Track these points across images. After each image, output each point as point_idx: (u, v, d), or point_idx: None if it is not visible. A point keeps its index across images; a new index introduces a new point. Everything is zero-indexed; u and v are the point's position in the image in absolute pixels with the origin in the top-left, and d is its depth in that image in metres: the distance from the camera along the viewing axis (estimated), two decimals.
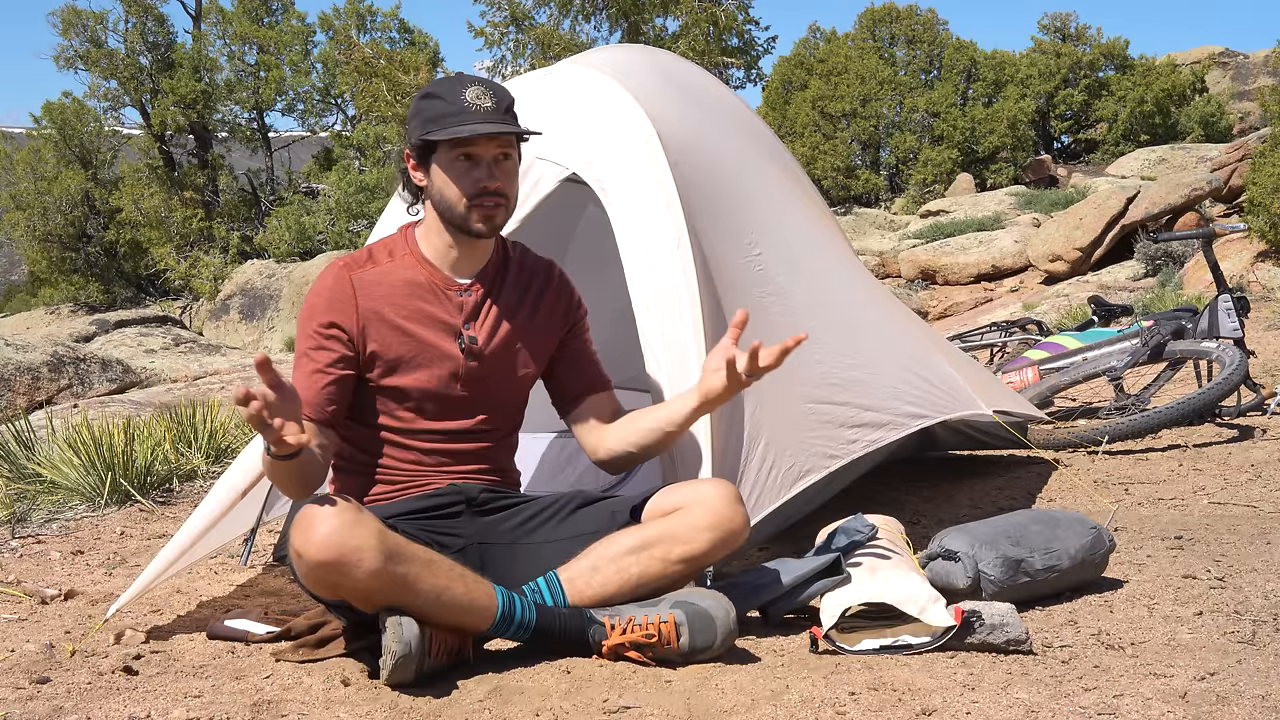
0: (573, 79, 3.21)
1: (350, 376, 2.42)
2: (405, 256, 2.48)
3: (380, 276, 2.44)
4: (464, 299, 2.47)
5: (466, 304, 2.47)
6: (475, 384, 2.47)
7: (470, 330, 2.45)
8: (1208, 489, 3.85)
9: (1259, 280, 9.76)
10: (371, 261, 2.47)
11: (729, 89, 4.20)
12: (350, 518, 2.08)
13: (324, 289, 2.43)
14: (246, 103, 26.45)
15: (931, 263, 15.60)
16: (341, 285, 2.42)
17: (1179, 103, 23.11)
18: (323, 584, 2.13)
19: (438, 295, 2.46)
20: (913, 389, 3.38)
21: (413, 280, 2.45)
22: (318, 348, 2.40)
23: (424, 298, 2.45)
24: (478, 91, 2.34)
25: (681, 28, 22.59)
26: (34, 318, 22.69)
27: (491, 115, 2.33)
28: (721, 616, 2.22)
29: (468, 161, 2.36)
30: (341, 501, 2.11)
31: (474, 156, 2.35)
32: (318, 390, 2.38)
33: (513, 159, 2.41)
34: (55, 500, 4.06)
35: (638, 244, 2.85)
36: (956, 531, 2.61)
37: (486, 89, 2.35)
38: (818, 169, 22.15)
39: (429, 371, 2.44)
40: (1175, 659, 2.15)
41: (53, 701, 2.10)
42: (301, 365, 2.41)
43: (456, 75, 2.43)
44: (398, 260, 2.47)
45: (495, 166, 2.37)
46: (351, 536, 2.06)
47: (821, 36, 26.54)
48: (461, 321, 2.46)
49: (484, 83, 2.37)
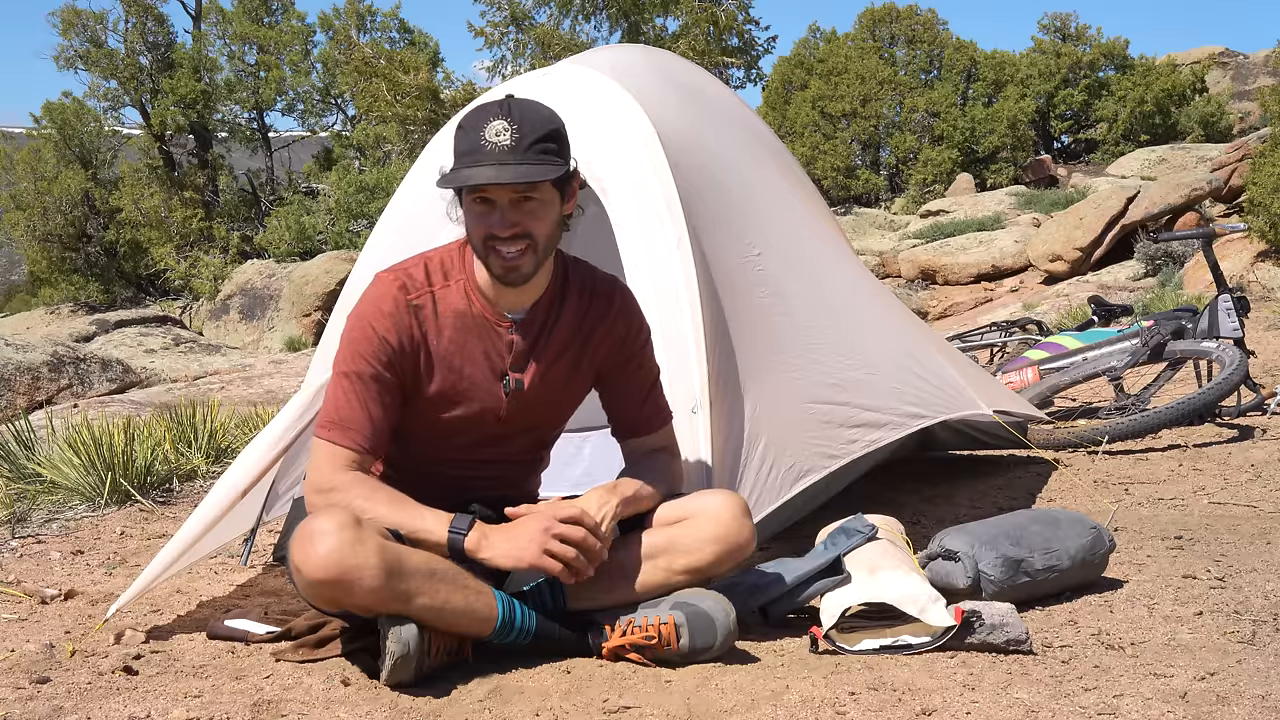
0: (573, 79, 3.21)
1: (400, 409, 2.32)
2: (460, 282, 2.33)
3: (433, 305, 2.30)
4: (514, 338, 2.34)
5: (517, 344, 2.34)
6: (515, 420, 2.39)
7: (516, 375, 2.34)
8: (1208, 489, 3.85)
9: (1259, 280, 9.76)
10: (427, 285, 2.31)
11: (729, 89, 4.20)
12: (351, 536, 2.06)
13: (382, 313, 2.27)
14: (246, 103, 26.43)
15: (931, 263, 15.60)
16: (400, 312, 2.27)
17: (1179, 103, 23.09)
18: (323, 599, 2.13)
19: (488, 332, 2.33)
20: (912, 389, 3.38)
21: (463, 312, 2.32)
22: (376, 378, 2.26)
23: (474, 332, 2.32)
24: (499, 128, 2.16)
25: (681, 28, 22.59)
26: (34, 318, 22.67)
27: (506, 155, 2.15)
28: (721, 617, 2.22)
29: (484, 205, 2.21)
30: (341, 517, 2.08)
31: (490, 200, 2.21)
32: (379, 423, 2.26)
33: (536, 199, 2.21)
34: (55, 500, 4.05)
35: (638, 244, 2.85)
36: (956, 531, 2.61)
37: (510, 124, 2.16)
38: (818, 169, 22.15)
39: (469, 409, 2.35)
40: (1175, 659, 2.15)
41: (53, 701, 2.10)
42: (355, 390, 2.26)
43: (496, 103, 2.22)
44: (452, 285, 2.32)
45: (512, 210, 2.20)
46: (352, 555, 2.04)
47: (821, 36, 26.53)
48: (509, 364, 2.34)
49: (512, 114, 2.18)
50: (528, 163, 2.17)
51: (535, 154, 2.17)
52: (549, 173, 2.19)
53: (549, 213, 2.25)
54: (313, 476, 2.28)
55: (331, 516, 2.09)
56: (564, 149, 2.25)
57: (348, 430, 2.25)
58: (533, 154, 2.17)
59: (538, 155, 2.18)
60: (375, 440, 2.27)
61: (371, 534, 2.10)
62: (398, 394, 2.30)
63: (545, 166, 2.19)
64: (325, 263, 18.28)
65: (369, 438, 2.25)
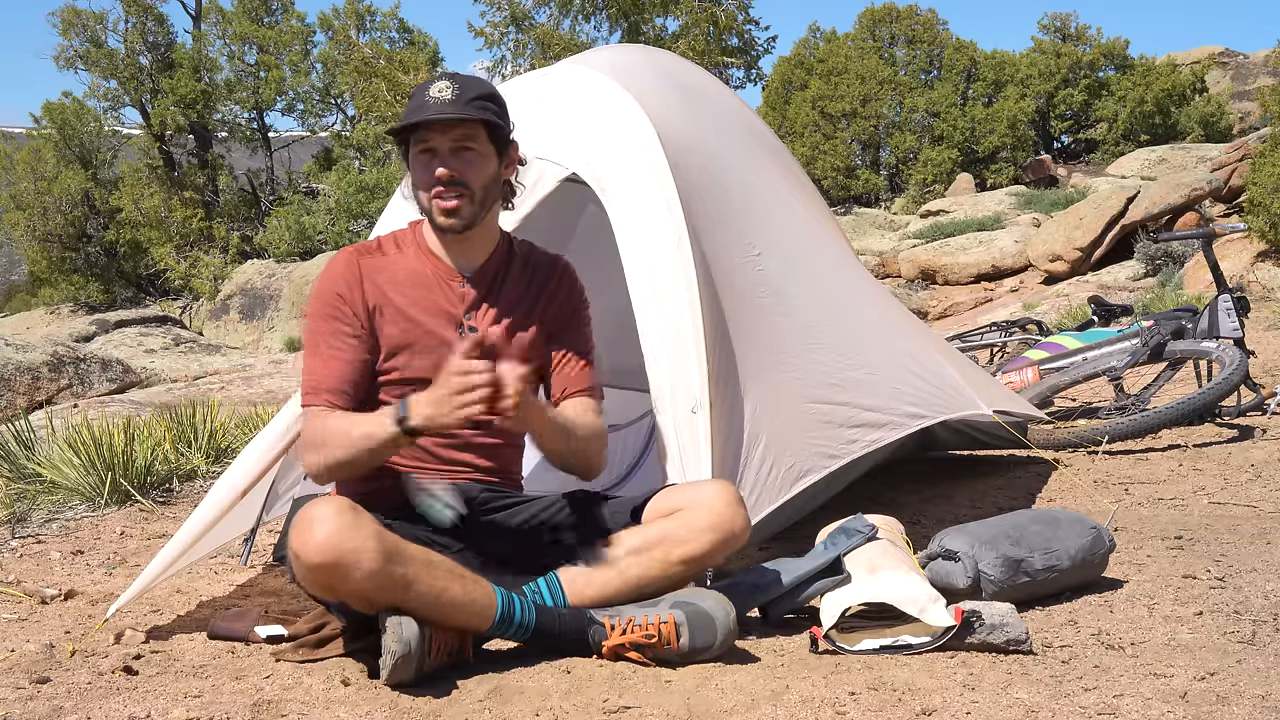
0: (572, 79, 3.21)
1: (367, 360, 2.42)
2: (411, 248, 2.51)
3: (387, 264, 2.47)
4: (466, 290, 2.48)
5: (469, 295, 2.47)
6: None
7: (471, 320, 2.46)
8: (1208, 489, 3.85)
9: (1259, 280, 9.76)
10: (380, 251, 2.50)
11: (729, 89, 4.20)
12: (349, 520, 2.09)
13: (335, 273, 2.46)
14: (246, 103, 26.44)
15: (931, 263, 15.60)
16: (351, 268, 2.45)
17: (1179, 103, 23.10)
18: (321, 586, 2.14)
19: (441, 285, 2.47)
20: (912, 389, 3.38)
21: (417, 270, 2.48)
22: (334, 330, 2.41)
23: (428, 286, 2.46)
24: (442, 86, 2.36)
25: (681, 28, 22.57)
26: (34, 318, 22.69)
27: (446, 107, 2.33)
28: (721, 617, 2.22)
29: (427, 155, 2.38)
30: (339, 503, 2.12)
31: (432, 149, 2.37)
32: (345, 372, 2.39)
33: (475, 150, 2.38)
34: (55, 500, 4.06)
35: (638, 244, 2.85)
36: (956, 531, 2.61)
37: (454, 83, 2.36)
38: (818, 169, 22.15)
39: (430, 360, 2.39)
40: (1175, 659, 2.15)
41: (53, 701, 2.10)
42: (318, 349, 2.41)
43: (441, 73, 2.44)
44: (405, 252, 2.50)
45: (452, 158, 2.36)
46: (350, 539, 2.07)
47: (821, 36, 26.54)
48: (463, 311, 2.46)
49: (457, 78, 2.39)
50: (467, 113, 2.34)
51: (474, 107, 2.36)
52: (485, 117, 2.35)
53: (486, 164, 2.40)
54: (300, 440, 2.43)
55: (328, 503, 2.12)
56: (503, 113, 2.43)
57: (319, 392, 2.38)
58: (472, 107, 2.35)
59: (477, 108, 2.36)
60: (343, 392, 2.38)
61: (369, 519, 2.12)
62: (358, 343, 2.41)
63: (482, 113, 2.36)
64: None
65: (339, 389, 2.38)
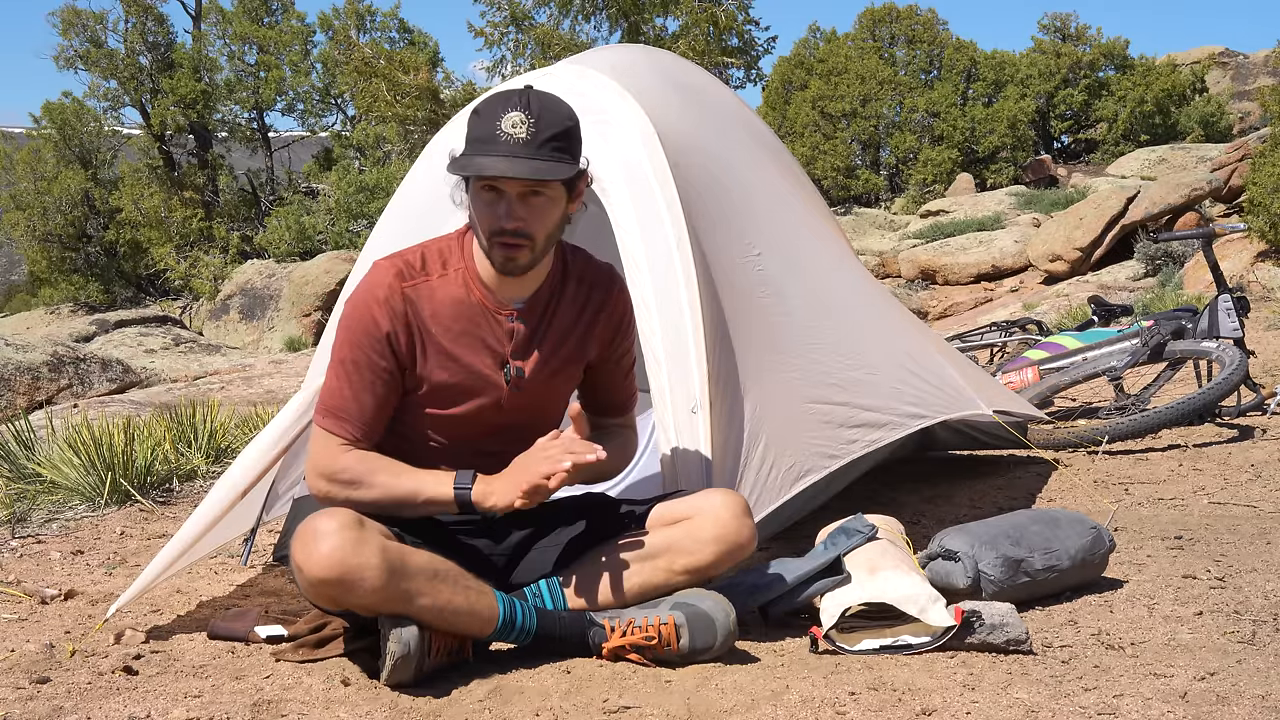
0: (573, 79, 3.21)
1: (395, 402, 2.31)
2: (459, 271, 2.31)
3: (431, 292, 2.28)
4: (514, 325, 2.32)
5: (518, 332, 2.32)
6: (515, 409, 2.36)
7: (518, 362, 2.32)
8: (1208, 489, 3.85)
9: (1259, 280, 9.76)
10: (424, 273, 2.29)
11: (729, 89, 4.20)
12: (353, 535, 2.06)
13: (377, 298, 2.26)
14: (246, 103, 26.43)
15: (931, 263, 15.60)
16: (394, 298, 2.25)
17: (1179, 103, 23.11)
18: (325, 599, 2.13)
19: (488, 320, 2.31)
20: (912, 389, 3.38)
21: (462, 300, 2.29)
22: (371, 365, 2.26)
23: (473, 319, 2.30)
24: (516, 120, 2.14)
25: (681, 28, 22.55)
26: (34, 318, 22.66)
27: (520, 149, 2.13)
28: (721, 618, 2.22)
29: (492, 194, 2.19)
30: (344, 516, 2.09)
31: (498, 190, 2.18)
32: (373, 412, 2.28)
33: (545, 195, 2.19)
34: (55, 500, 4.05)
35: (638, 244, 2.85)
36: (956, 531, 2.61)
37: (528, 116, 2.14)
38: (818, 169, 22.15)
39: (470, 397, 2.32)
40: (1175, 659, 2.15)
41: (53, 701, 2.10)
42: (350, 378, 2.27)
43: (516, 93, 2.19)
44: (450, 273, 2.30)
45: (519, 204, 2.18)
46: (354, 555, 2.05)
47: (821, 36, 26.54)
48: (509, 351, 2.32)
49: (530, 107, 2.16)
50: (541, 159, 2.15)
51: (549, 151, 2.16)
52: (560, 171, 2.17)
53: (554, 210, 2.24)
54: (314, 461, 2.30)
55: (334, 516, 2.09)
56: (576, 147, 2.24)
57: (341, 420, 2.28)
58: (546, 150, 2.16)
59: (551, 152, 2.16)
60: (368, 429, 2.29)
61: (374, 534, 2.10)
62: (393, 382, 2.29)
63: (558, 164, 2.17)
64: (325, 263, 18.31)
65: (361, 428, 2.28)
